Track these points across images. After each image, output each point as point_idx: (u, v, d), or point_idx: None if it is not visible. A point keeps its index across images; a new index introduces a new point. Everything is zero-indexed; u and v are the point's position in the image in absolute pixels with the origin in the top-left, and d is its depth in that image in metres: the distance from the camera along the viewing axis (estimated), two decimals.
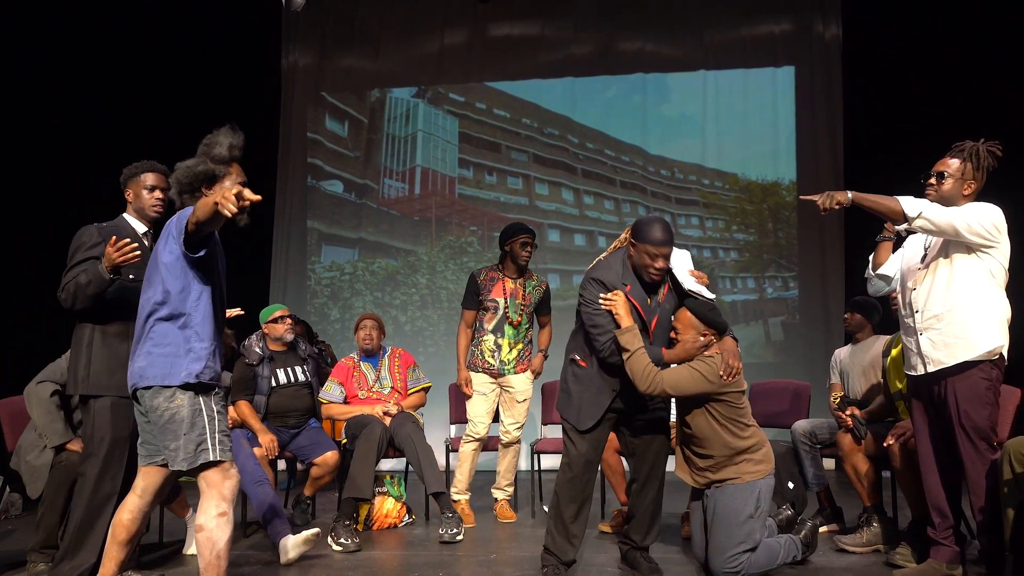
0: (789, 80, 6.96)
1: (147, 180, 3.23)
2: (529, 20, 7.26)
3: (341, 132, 7.50)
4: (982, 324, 2.94)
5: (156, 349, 2.60)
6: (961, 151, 3.06)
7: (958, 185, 3.05)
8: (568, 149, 7.16)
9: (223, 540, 2.59)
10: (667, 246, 3.07)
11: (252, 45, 7.20)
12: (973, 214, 2.94)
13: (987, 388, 2.94)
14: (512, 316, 4.43)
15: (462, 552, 3.83)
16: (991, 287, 2.98)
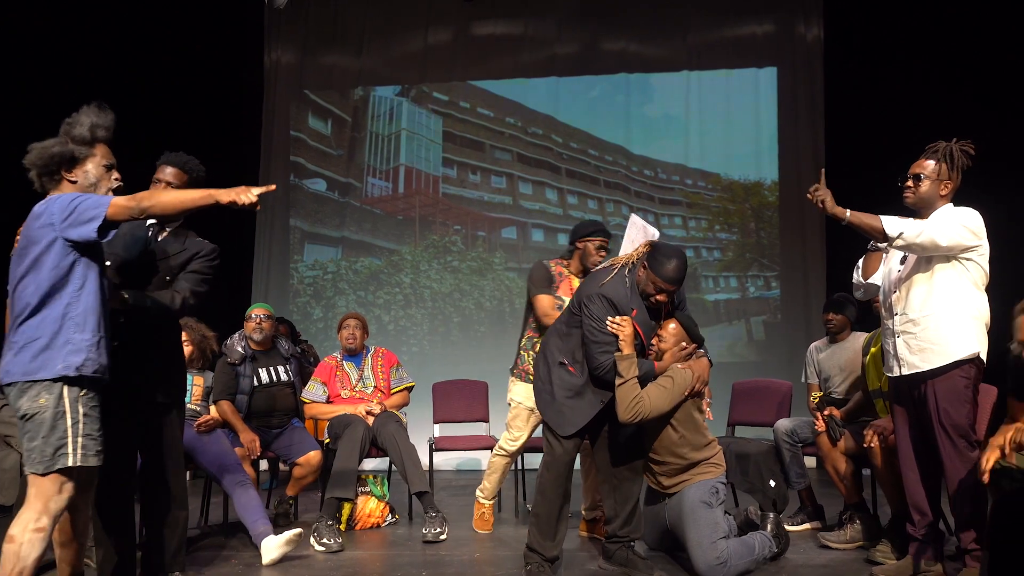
0: (771, 81, 7.00)
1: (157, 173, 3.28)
2: (513, 19, 7.26)
3: (324, 130, 7.47)
4: (958, 331, 2.97)
5: (25, 341, 2.44)
6: (935, 152, 3.07)
7: (935, 186, 3.06)
8: (552, 148, 7.17)
9: (31, 558, 2.36)
10: (677, 285, 3.11)
11: (234, 42, 7.15)
12: (952, 225, 2.96)
13: (966, 387, 2.96)
14: None
15: (445, 552, 3.83)
16: (971, 291, 3.00)
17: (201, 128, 6.71)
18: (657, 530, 3.50)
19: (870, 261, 3.35)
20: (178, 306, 2.96)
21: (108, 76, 6.19)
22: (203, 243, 3.13)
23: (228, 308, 5.41)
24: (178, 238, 3.11)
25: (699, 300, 6.78)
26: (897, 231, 2.93)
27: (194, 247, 3.10)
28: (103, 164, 2.68)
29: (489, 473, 4.18)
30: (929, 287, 3.03)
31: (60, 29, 5.87)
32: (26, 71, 5.69)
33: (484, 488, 4.20)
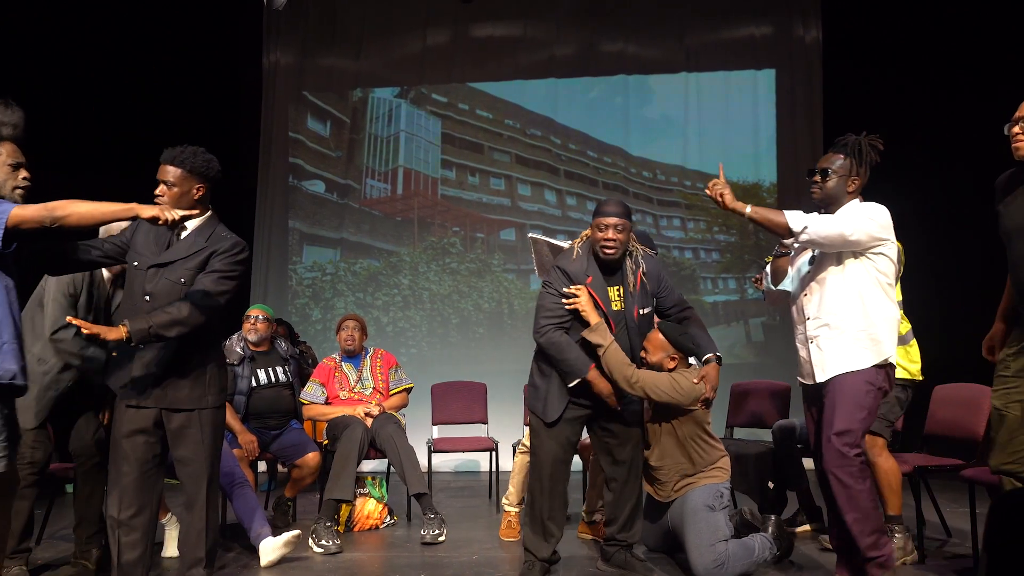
0: (770, 83, 7.01)
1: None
2: (511, 21, 7.27)
3: (323, 132, 7.47)
4: (871, 333, 2.84)
5: None
6: (844, 146, 2.97)
7: (843, 182, 2.94)
8: (550, 150, 7.18)
9: None
10: (614, 217, 3.13)
11: (233, 44, 7.16)
12: (860, 219, 2.84)
13: (867, 392, 2.82)
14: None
15: (444, 553, 3.83)
16: (879, 292, 2.87)
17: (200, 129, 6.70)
18: (659, 531, 3.50)
19: (778, 266, 3.19)
20: (186, 314, 2.75)
21: (107, 77, 6.20)
22: (226, 238, 2.93)
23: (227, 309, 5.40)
24: (202, 234, 2.91)
25: (698, 301, 6.78)
26: (802, 225, 2.79)
27: (215, 243, 2.89)
28: (8, 163, 2.58)
29: (513, 475, 4.12)
30: (839, 287, 2.89)
31: (59, 29, 5.87)
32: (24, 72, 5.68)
33: (509, 494, 4.13)
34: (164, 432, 2.89)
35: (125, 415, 2.87)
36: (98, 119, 6.01)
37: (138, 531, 2.86)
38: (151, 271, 2.84)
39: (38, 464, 3.32)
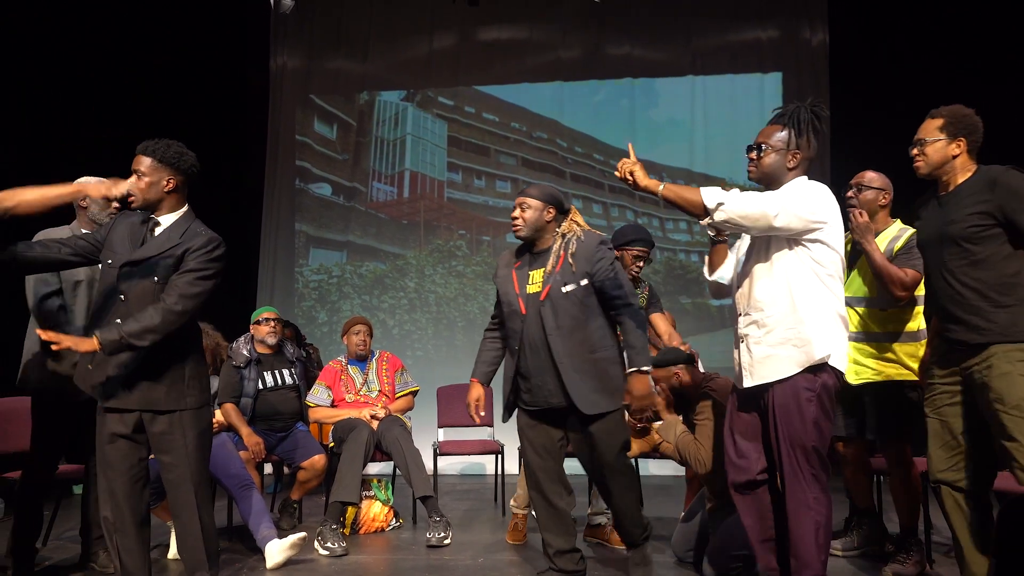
0: (776, 86, 7.00)
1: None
2: (517, 24, 7.28)
3: (330, 135, 7.49)
4: (807, 330, 2.51)
5: None
6: (781, 116, 2.69)
7: (781, 157, 2.65)
8: (557, 153, 7.18)
9: None
10: (519, 196, 3.13)
11: (240, 47, 7.19)
12: (788, 198, 2.52)
13: (808, 399, 2.51)
14: None
15: (449, 556, 3.82)
16: (817, 283, 2.54)
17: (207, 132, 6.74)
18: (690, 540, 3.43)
19: (714, 254, 2.96)
20: (158, 321, 2.65)
21: (115, 80, 6.23)
22: (200, 233, 2.83)
23: (233, 312, 5.43)
24: (177, 230, 2.82)
25: (703, 304, 6.77)
26: (716, 201, 2.51)
27: (189, 239, 2.79)
28: None
29: (521, 477, 4.06)
30: (771, 280, 2.58)
31: (66, 32, 5.89)
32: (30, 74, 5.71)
33: (517, 496, 4.07)
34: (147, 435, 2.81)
35: (105, 419, 2.79)
36: (105, 122, 6.03)
37: (133, 536, 2.81)
38: (125, 269, 2.76)
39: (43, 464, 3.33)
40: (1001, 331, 2.54)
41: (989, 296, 2.56)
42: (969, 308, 2.59)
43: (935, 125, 2.74)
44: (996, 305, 2.55)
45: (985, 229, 2.56)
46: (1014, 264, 2.56)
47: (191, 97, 6.67)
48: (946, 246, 2.65)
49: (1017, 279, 2.55)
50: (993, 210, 2.54)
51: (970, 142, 2.69)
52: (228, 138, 7.02)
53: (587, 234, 3.08)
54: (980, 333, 2.56)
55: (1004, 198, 2.52)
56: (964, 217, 2.59)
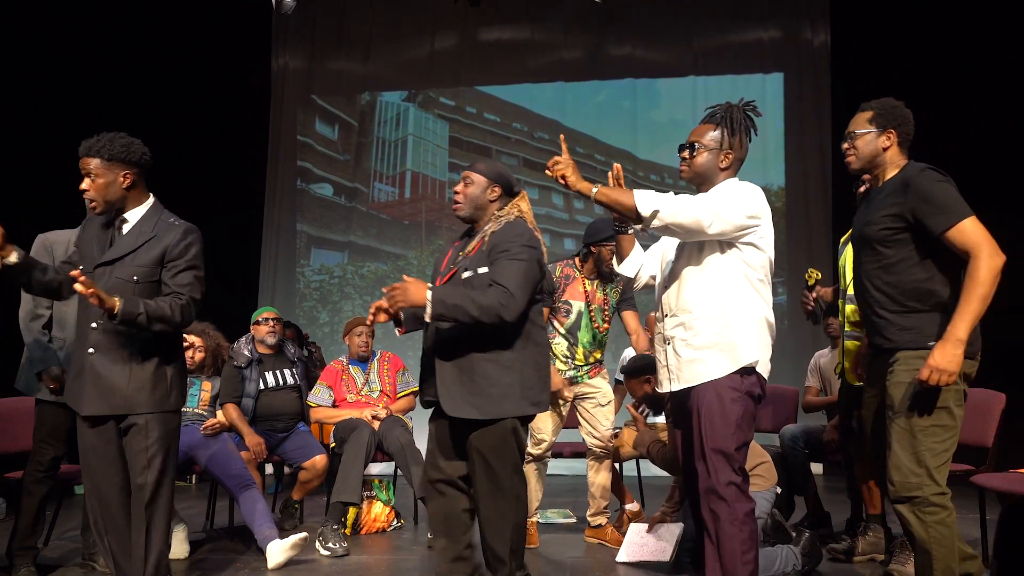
0: (778, 86, 7.00)
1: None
2: (519, 24, 7.28)
3: (331, 135, 7.49)
4: (733, 335, 2.45)
5: None
6: (713, 115, 2.63)
7: (713, 157, 2.59)
8: (558, 154, 7.16)
9: None
10: (468, 170, 2.84)
11: (242, 48, 7.19)
12: (721, 203, 2.44)
13: (733, 399, 2.43)
14: (597, 322, 3.95)
15: None
16: (746, 287, 2.48)
17: (209, 133, 6.75)
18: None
19: (620, 244, 2.87)
20: (171, 315, 2.62)
21: (116, 81, 6.23)
22: (174, 225, 2.74)
23: (234, 312, 5.43)
24: (147, 223, 2.74)
25: None
26: (651, 209, 2.41)
27: (164, 233, 2.71)
28: None
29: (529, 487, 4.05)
30: (699, 282, 2.51)
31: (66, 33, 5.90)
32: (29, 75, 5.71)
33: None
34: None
35: (82, 426, 2.74)
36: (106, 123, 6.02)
37: (127, 536, 2.75)
38: (99, 271, 2.68)
39: (45, 464, 3.33)
40: (908, 338, 2.48)
41: (899, 301, 2.50)
42: (880, 312, 2.55)
43: (865, 118, 2.68)
44: (906, 311, 2.49)
45: (897, 232, 2.49)
46: (926, 269, 2.48)
47: (192, 98, 6.68)
48: (864, 248, 2.61)
49: (929, 285, 2.47)
50: (904, 212, 2.47)
51: (900, 134, 2.62)
52: (229, 139, 7.03)
53: (518, 220, 2.75)
54: (889, 339, 2.53)
55: (915, 200, 2.45)
56: (879, 219, 2.53)
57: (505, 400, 2.62)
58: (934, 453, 2.42)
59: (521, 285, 2.58)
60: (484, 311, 2.53)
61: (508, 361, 2.63)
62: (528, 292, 2.61)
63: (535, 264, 2.65)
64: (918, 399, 2.42)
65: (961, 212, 2.41)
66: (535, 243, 2.69)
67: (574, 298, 3.93)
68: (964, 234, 2.38)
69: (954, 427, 2.46)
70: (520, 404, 2.64)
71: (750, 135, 2.63)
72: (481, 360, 2.63)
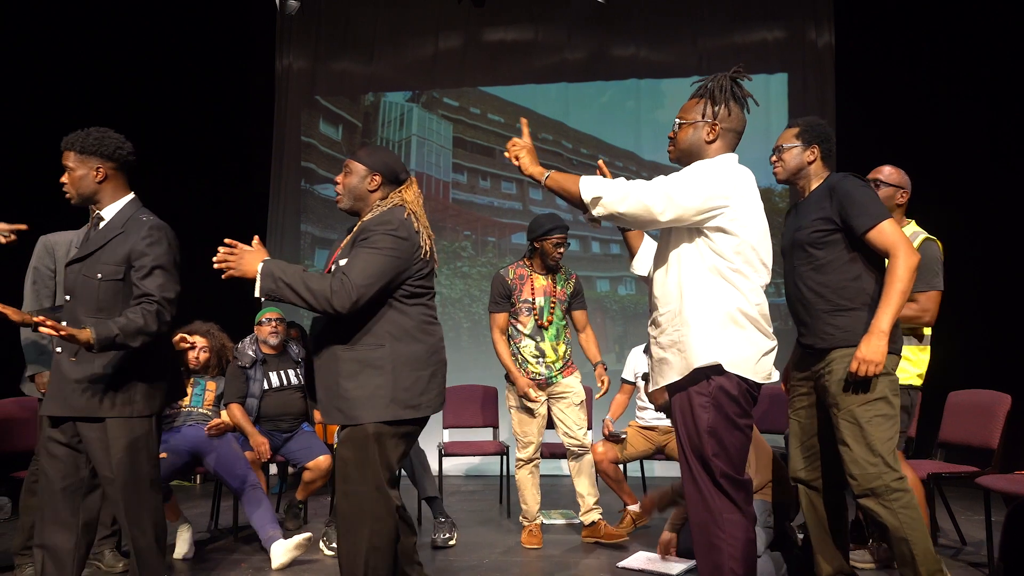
0: (782, 87, 6.99)
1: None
2: (523, 25, 7.28)
3: (335, 136, 7.50)
4: (688, 335, 2.27)
5: None
6: (698, 88, 2.51)
7: (698, 131, 2.43)
8: (562, 154, 7.18)
9: None
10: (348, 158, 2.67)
11: (246, 48, 7.20)
12: (674, 186, 2.26)
13: (701, 405, 2.27)
14: (545, 316, 4.01)
15: (455, 557, 3.83)
16: (712, 281, 2.27)
17: (213, 134, 6.76)
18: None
19: (628, 240, 2.78)
20: (141, 323, 2.52)
21: (120, 82, 6.24)
22: (142, 223, 2.67)
23: (238, 313, 5.43)
24: (119, 219, 2.70)
25: None
26: (591, 194, 2.25)
27: (132, 232, 2.65)
28: None
29: (519, 491, 4.10)
30: (666, 274, 2.36)
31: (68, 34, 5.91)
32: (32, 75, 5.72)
33: (524, 513, 4.09)
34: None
35: (42, 426, 2.69)
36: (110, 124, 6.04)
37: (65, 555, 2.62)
38: (70, 268, 2.66)
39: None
40: (841, 336, 2.60)
41: (831, 300, 2.62)
42: (813, 313, 2.66)
43: (792, 133, 2.84)
44: (838, 310, 2.62)
45: (827, 234, 2.62)
46: (854, 269, 2.62)
47: (197, 99, 6.69)
48: (796, 252, 2.72)
49: (858, 284, 2.61)
50: (832, 215, 2.61)
51: (823, 149, 2.78)
52: (233, 139, 7.04)
53: (394, 209, 2.57)
54: (822, 338, 2.64)
55: (840, 203, 2.59)
56: (809, 223, 2.66)
57: (368, 403, 2.42)
58: (882, 441, 2.54)
59: (366, 275, 2.39)
60: (314, 295, 2.37)
61: (376, 360, 2.44)
62: (375, 283, 2.40)
63: (393, 255, 2.44)
64: (856, 392, 2.55)
65: (880, 214, 2.56)
66: (404, 233, 2.48)
67: (532, 295, 4.04)
68: (883, 234, 2.54)
69: (894, 415, 2.59)
70: (389, 408, 2.41)
71: (745, 104, 2.46)
72: (348, 360, 2.46)
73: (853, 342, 2.55)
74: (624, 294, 6.90)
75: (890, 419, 2.57)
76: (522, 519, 4.12)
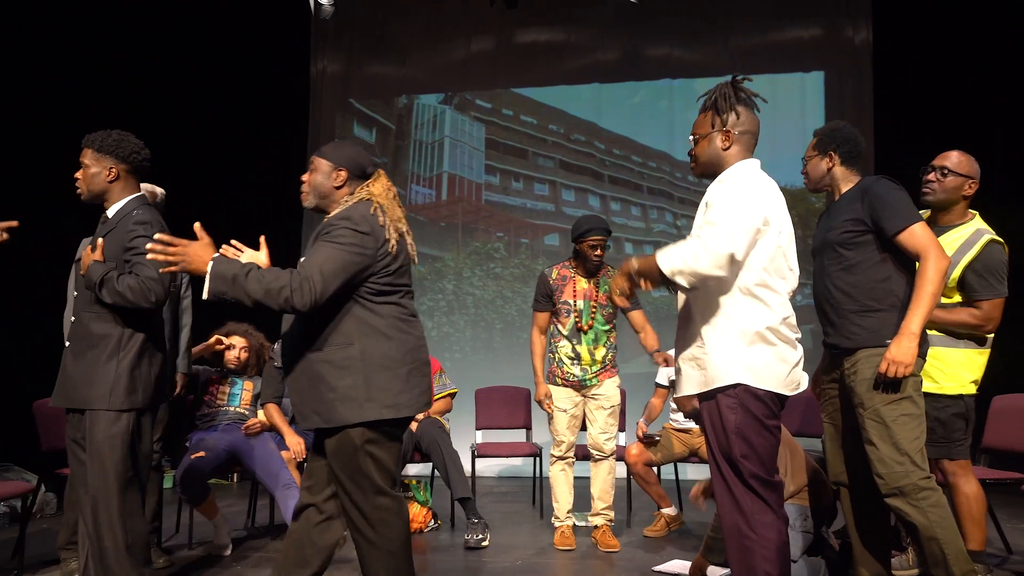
0: (818, 85, 6.90)
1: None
2: (555, 26, 7.28)
3: (369, 138, 7.56)
4: (708, 353, 2.33)
5: None
6: (703, 103, 2.58)
7: (714, 142, 2.48)
8: (595, 155, 7.16)
9: None
10: (314, 154, 2.65)
11: (281, 53, 7.29)
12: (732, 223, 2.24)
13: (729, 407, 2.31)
14: (584, 320, 3.99)
15: (487, 558, 3.83)
16: (735, 299, 2.32)
17: (248, 137, 6.86)
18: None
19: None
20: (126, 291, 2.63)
21: (157, 87, 6.35)
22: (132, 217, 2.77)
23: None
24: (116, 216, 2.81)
25: None
26: (670, 266, 2.25)
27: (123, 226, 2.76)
28: None
29: (551, 489, 4.08)
30: (695, 292, 2.38)
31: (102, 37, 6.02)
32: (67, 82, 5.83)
33: (555, 512, 4.08)
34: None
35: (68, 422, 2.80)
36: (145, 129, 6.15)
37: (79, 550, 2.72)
38: (76, 265, 2.77)
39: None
40: (868, 336, 2.62)
41: (859, 300, 2.65)
42: (841, 312, 2.69)
43: (811, 144, 2.93)
44: (865, 310, 2.64)
45: (858, 235, 2.66)
46: (884, 270, 2.64)
47: (233, 103, 6.78)
48: (826, 252, 2.76)
49: (887, 285, 2.63)
50: (864, 216, 2.64)
51: (842, 153, 2.82)
52: (269, 143, 7.13)
53: (359, 203, 2.50)
54: (848, 338, 2.67)
55: (872, 205, 2.63)
56: (840, 224, 2.70)
57: (344, 403, 2.33)
58: (909, 440, 2.54)
59: (325, 270, 2.29)
60: (269, 294, 2.27)
61: (344, 361, 2.34)
62: (335, 279, 2.30)
63: (354, 250, 2.34)
64: (882, 392, 2.56)
65: (912, 217, 2.59)
66: (366, 228, 2.39)
67: (573, 297, 4.01)
68: (914, 237, 2.57)
69: (919, 415, 2.58)
70: (366, 408, 2.32)
71: (753, 105, 2.53)
72: (318, 362, 2.37)
73: (879, 343, 2.58)
74: (657, 296, 6.84)
75: (916, 418, 2.57)
76: (553, 519, 4.11)
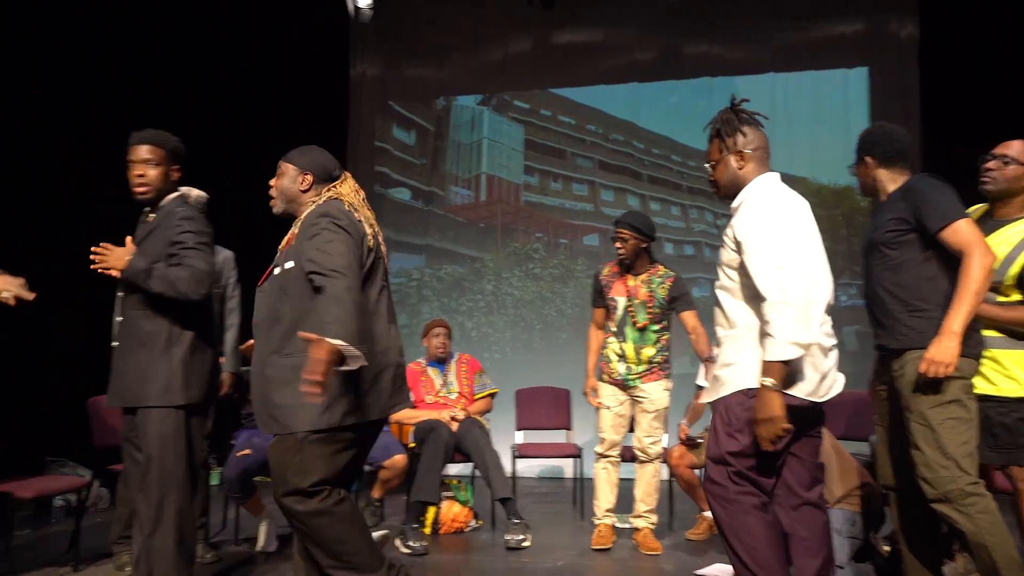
0: (862, 81, 6.78)
1: (129, 155, 2.92)
2: (593, 26, 7.26)
3: (408, 140, 7.62)
4: (735, 358, 2.42)
5: None
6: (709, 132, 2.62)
7: (729, 165, 2.54)
8: (633, 155, 7.13)
9: None
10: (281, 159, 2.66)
11: (322, 56, 7.39)
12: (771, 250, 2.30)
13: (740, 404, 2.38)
14: (637, 318, 3.98)
15: (528, 559, 3.85)
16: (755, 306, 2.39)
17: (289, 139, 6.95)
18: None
19: None
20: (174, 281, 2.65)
21: (199, 90, 6.47)
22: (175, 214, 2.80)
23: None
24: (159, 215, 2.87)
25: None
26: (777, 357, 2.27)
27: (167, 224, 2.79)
28: None
29: (599, 487, 4.07)
30: (733, 298, 2.47)
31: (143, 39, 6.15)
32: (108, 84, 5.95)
33: (597, 505, 4.08)
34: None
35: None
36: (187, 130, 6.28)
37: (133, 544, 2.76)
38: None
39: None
40: (915, 337, 2.58)
41: (906, 300, 2.62)
42: (889, 313, 2.66)
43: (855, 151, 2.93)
44: (913, 311, 2.61)
45: (902, 234, 2.63)
46: (929, 269, 2.60)
47: (274, 106, 6.89)
48: (873, 253, 2.74)
49: (933, 284, 2.59)
50: (907, 215, 2.62)
51: (878, 155, 2.83)
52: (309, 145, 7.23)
53: (329, 201, 2.49)
54: (896, 338, 2.64)
55: (915, 203, 2.60)
56: (884, 223, 2.69)
57: (301, 411, 2.31)
58: (956, 445, 2.48)
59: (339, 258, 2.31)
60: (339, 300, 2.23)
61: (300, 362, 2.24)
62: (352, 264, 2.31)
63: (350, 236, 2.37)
64: (927, 394, 2.52)
65: (955, 214, 2.54)
66: (345, 221, 2.39)
67: (618, 295, 4.04)
68: (958, 234, 2.52)
69: (969, 419, 2.52)
70: (324, 415, 2.30)
71: (755, 123, 2.56)
72: (282, 367, 2.37)
73: (926, 344, 2.53)
74: (698, 296, 6.79)
75: (964, 423, 2.51)
76: (593, 517, 4.12)
